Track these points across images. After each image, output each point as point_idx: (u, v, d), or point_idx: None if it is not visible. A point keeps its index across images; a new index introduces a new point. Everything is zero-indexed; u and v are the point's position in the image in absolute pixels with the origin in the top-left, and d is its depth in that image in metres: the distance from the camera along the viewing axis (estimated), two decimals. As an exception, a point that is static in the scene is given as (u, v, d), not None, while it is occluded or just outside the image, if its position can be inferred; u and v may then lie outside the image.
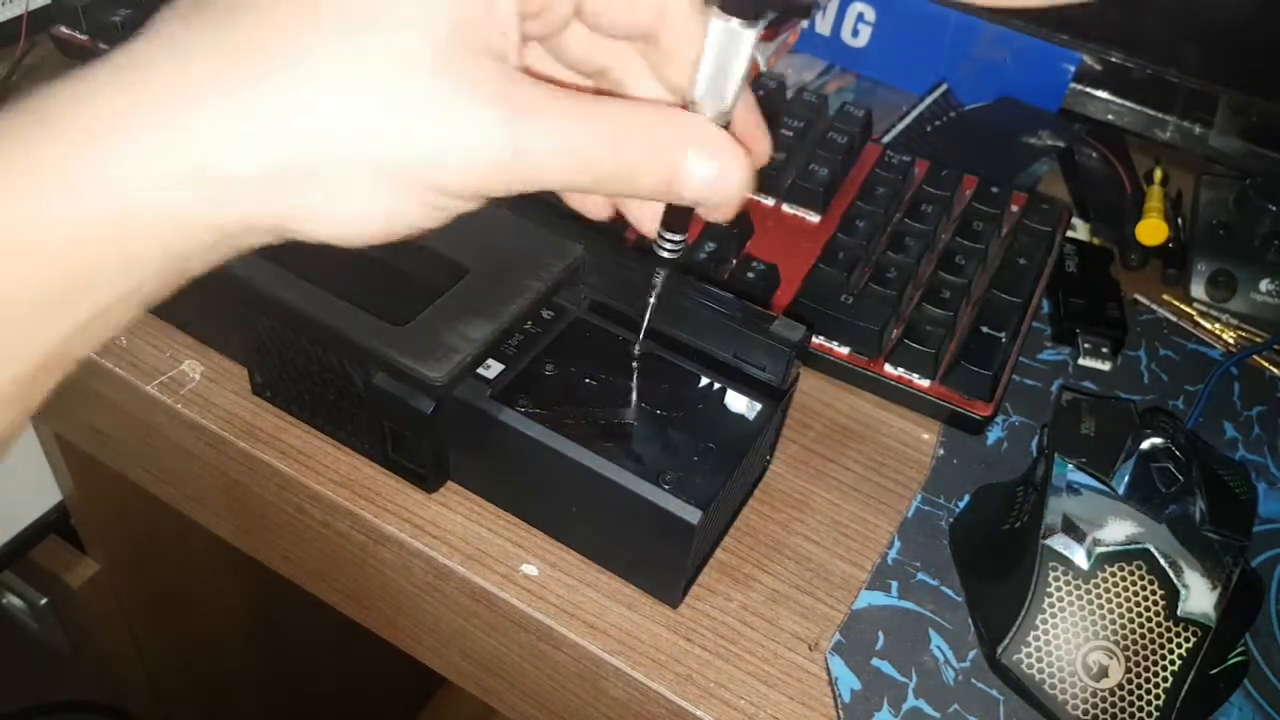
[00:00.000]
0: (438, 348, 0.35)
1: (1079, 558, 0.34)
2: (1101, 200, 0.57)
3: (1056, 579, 0.34)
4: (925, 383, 0.43)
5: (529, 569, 0.37)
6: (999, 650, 0.34)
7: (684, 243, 0.31)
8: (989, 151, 0.59)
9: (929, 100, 0.62)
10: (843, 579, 0.38)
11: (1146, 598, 0.34)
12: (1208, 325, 0.50)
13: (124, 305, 0.22)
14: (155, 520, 0.66)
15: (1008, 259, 0.48)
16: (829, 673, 0.35)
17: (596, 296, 0.39)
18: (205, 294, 0.39)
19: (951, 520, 0.40)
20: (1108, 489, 0.36)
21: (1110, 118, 0.61)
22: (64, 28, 0.54)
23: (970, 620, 0.37)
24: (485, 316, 0.36)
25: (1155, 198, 0.54)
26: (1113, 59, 0.59)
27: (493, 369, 0.35)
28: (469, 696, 0.45)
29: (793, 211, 0.50)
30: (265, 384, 0.40)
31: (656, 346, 0.37)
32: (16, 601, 0.69)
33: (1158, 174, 0.56)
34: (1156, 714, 0.33)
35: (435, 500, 0.38)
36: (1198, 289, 0.52)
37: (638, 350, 0.36)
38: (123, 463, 0.50)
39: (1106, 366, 0.47)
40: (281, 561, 0.46)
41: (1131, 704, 0.33)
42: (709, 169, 0.25)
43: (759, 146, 0.29)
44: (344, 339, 0.35)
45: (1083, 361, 0.47)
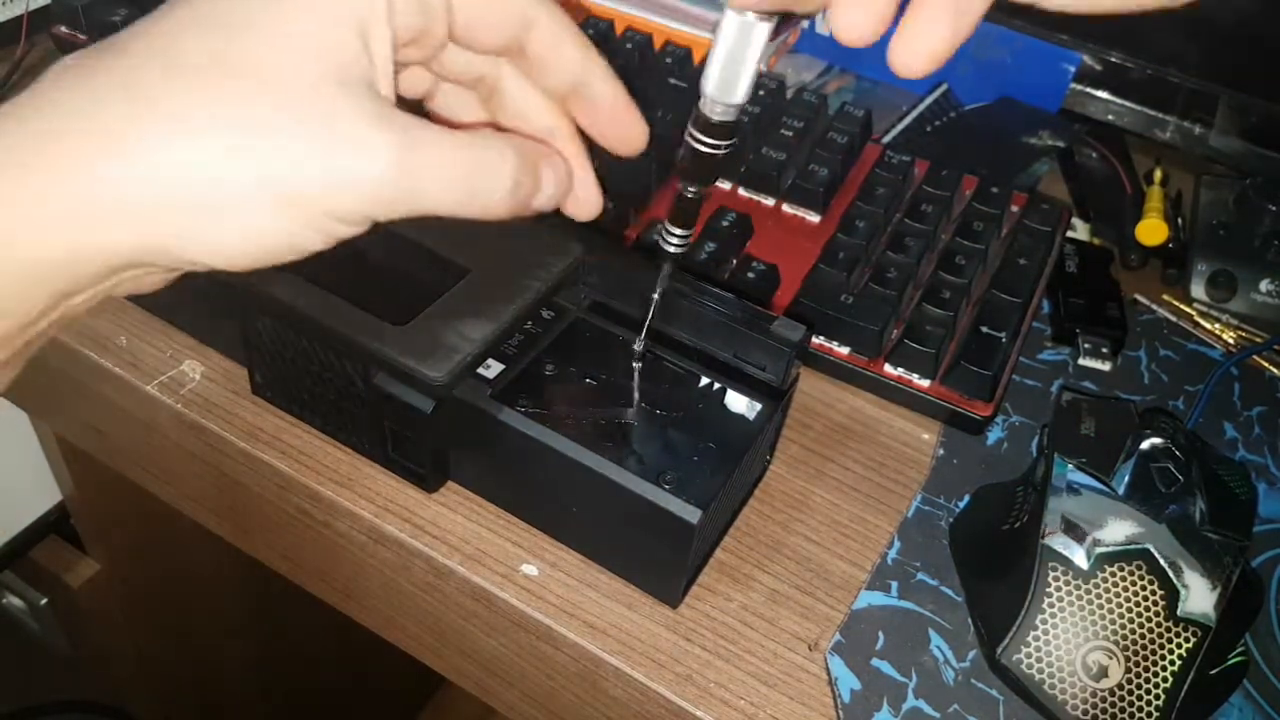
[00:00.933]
0: (438, 348, 0.35)
1: (1079, 558, 0.34)
2: (1101, 200, 0.57)
3: (1056, 579, 0.34)
4: (925, 383, 0.43)
5: (529, 569, 0.37)
6: (999, 650, 0.34)
7: (688, 238, 0.32)
8: (989, 151, 0.59)
9: (929, 100, 0.62)
10: (843, 579, 0.38)
11: (1146, 598, 0.34)
12: (1208, 325, 0.50)
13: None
14: (155, 520, 0.66)
15: (1008, 259, 0.48)
16: (829, 673, 0.35)
17: (596, 296, 0.39)
18: (205, 294, 0.39)
19: (951, 520, 0.40)
20: (1108, 489, 0.36)
21: (1110, 118, 0.61)
22: (64, 28, 0.54)
23: (970, 620, 0.37)
24: (485, 316, 0.36)
25: (1155, 198, 0.54)
26: (1113, 59, 0.59)
27: (493, 369, 0.35)
28: (469, 696, 0.45)
29: (793, 211, 0.50)
30: (265, 384, 0.40)
31: (657, 346, 0.37)
32: (16, 601, 0.69)
33: (1158, 174, 0.56)
34: (1156, 714, 0.33)
35: (435, 500, 0.38)
36: (1198, 289, 0.52)
37: (640, 347, 0.36)
38: (122, 462, 0.50)
39: (1106, 366, 0.47)
40: (281, 561, 0.46)
41: (1131, 704, 0.33)
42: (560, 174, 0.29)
43: (634, 131, 0.31)
44: (344, 339, 0.35)
45: (1083, 361, 0.47)
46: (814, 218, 0.50)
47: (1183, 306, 0.51)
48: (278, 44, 0.24)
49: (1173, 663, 0.33)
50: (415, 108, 0.31)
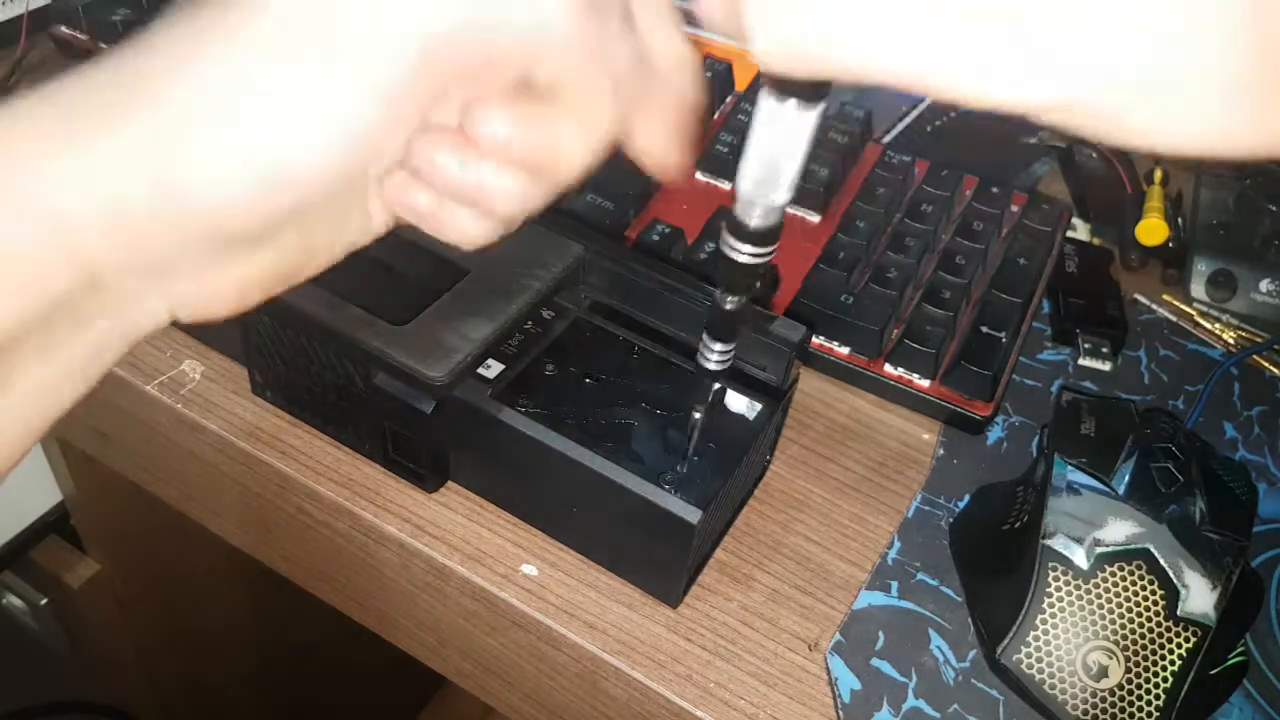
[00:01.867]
0: (438, 348, 0.35)
1: (1079, 558, 0.34)
2: (1101, 200, 0.57)
3: (1056, 579, 0.34)
4: (925, 383, 0.43)
5: (529, 569, 0.37)
6: (999, 650, 0.34)
7: (730, 353, 0.30)
8: (989, 151, 0.59)
9: (929, 100, 0.62)
10: (843, 579, 0.38)
11: (1146, 598, 0.34)
12: (1208, 325, 0.50)
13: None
14: (155, 520, 0.66)
15: (1008, 259, 0.48)
16: (829, 673, 0.35)
17: (596, 296, 0.39)
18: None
19: (951, 520, 0.40)
20: (1108, 489, 0.36)
21: (1110, 118, 0.61)
22: (64, 28, 0.54)
23: (970, 620, 0.37)
24: (485, 316, 0.36)
25: (1155, 198, 0.54)
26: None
27: (493, 369, 0.35)
28: (469, 696, 0.45)
29: (793, 212, 0.50)
30: (265, 384, 0.40)
31: (656, 346, 0.37)
32: (16, 601, 0.69)
33: (1158, 174, 0.56)
34: (1156, 714, 0.33)
35: (435, 500, 0.38)
36: (1198, 289, 0.52)
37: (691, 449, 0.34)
38: (123, 463, 0.50)
39: (1106, 366, 0.47)
40: (281, 561, 0.46)
41: (1131, 704, 0.33)
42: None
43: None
44: (344, 339, 0.35)
45: (1083, 361, 0.47)
46: (814, 218, 0.50)
47: (1183, 306, 0.51)
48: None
49: (1173, 663, 0.33)
50: None
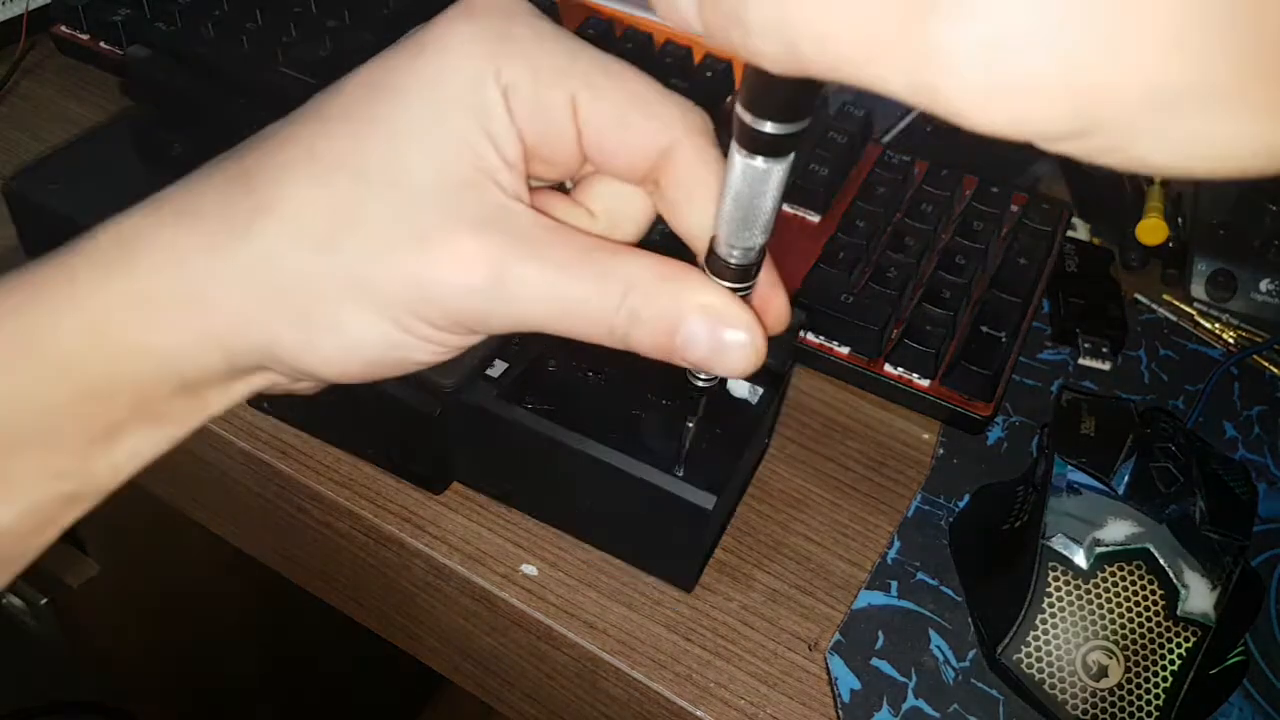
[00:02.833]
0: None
1: (1079, 558, 0.34)
2: (1101, 200, 0.57)
3: (1056, 579, 0.34)
4: (925, 382, 0.43)
5: (529, 569, 0.37)
6: (999, 650, 0.34)
7: (716, 379, 0.29)
8: (989, 151, 0.59)
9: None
10: (843, 579, 0.38)
11: (1146, 597, 0.34)
12: (1208, 325, 0.50)
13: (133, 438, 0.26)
14: (156, 521, 0.66)
15: (1008, 259, 0.48)
16: (829, 672, 0.35)
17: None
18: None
19: (951, 520, 0.40)
20: (1108, 489, 0.36)
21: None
22: (64, 27, 0.54)
23: (970, 620, 0.37)
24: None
25: (1155, 198, 0.54)
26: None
27: (497, 368, 0.35)
28: (469, 696, 0.45)
29: (793, 211, 0.50)
30: (264, 397, 0.40)
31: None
32: (16, 601, 0.69)
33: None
34: (1156, 714, 0.33)
35: (435, 500, 0.38)
36: (1198, 289, 0.52)
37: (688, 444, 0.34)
38: (123, 463, 0.50)
39: (1106, 366, 0.47)
40: (281, 561, 0.46)
41: (1131, 704, 0.33)
42: (712, 338, 0.23)
43: (775, 305, 0.25)
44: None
45: (1083, 361, 0.47)
46: (814, 217, 0.50)
47: (1183, 306, 0.51)
48: (397, 141, 0.22)
49: (1172, 662, 0.33)
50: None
